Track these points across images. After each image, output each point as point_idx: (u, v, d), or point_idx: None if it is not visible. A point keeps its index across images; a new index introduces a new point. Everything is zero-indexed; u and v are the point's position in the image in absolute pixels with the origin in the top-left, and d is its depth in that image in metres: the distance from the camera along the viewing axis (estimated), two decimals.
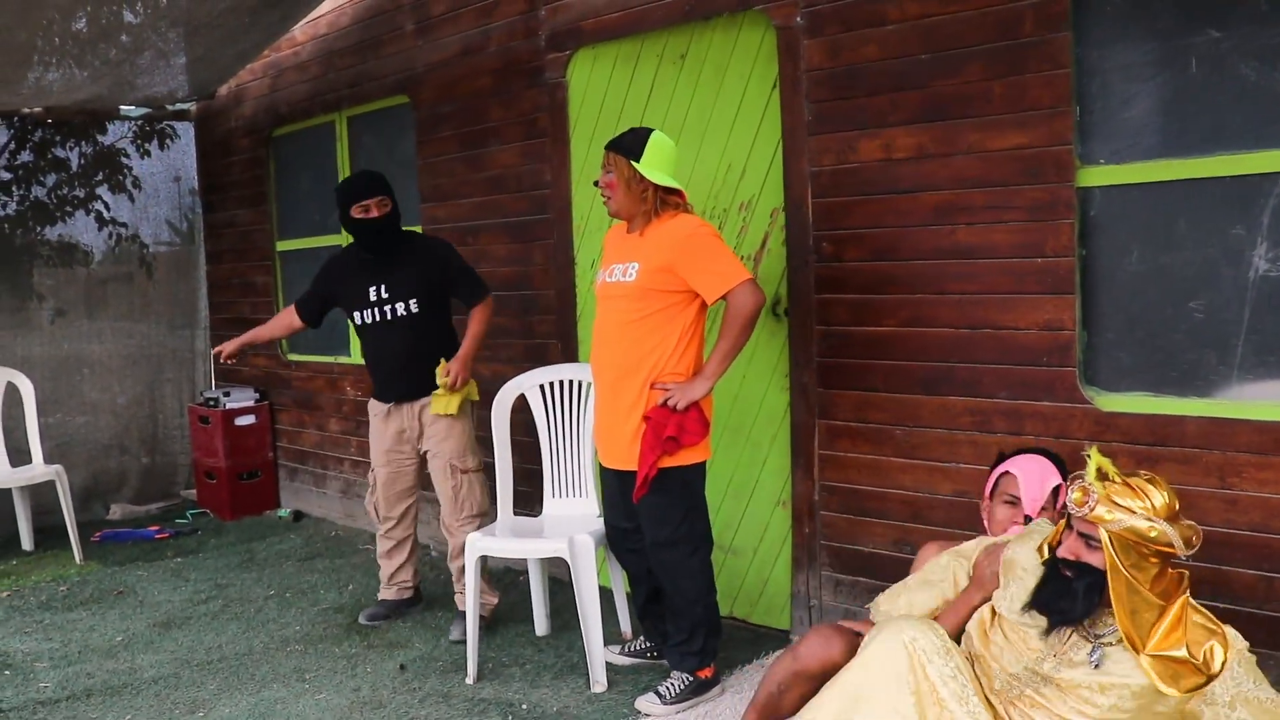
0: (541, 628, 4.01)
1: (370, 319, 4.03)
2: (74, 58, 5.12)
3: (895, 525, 3.48)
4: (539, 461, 4.00)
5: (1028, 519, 2.61)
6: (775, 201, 3.74)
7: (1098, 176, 2.99)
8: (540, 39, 4.46)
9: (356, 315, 4.07)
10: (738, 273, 3.15)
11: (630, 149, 3.23)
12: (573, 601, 3.51)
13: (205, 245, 6.86)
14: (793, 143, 3.63)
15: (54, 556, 5.45)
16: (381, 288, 4.00)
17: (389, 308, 4.00)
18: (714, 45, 3.88)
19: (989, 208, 3.18)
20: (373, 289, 4.01)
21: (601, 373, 3.36)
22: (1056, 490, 2.65)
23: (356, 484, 5.71)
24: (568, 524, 3.72)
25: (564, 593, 4.03)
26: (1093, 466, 2.17)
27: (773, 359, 3.80)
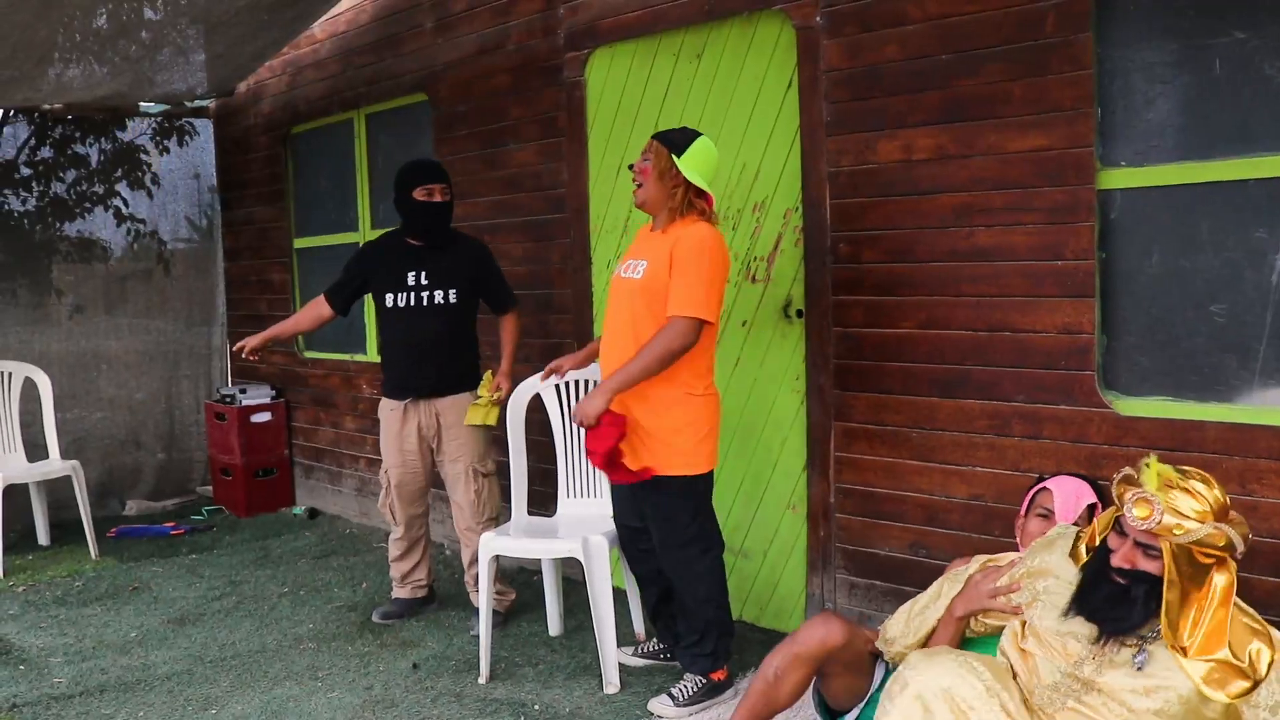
0: (555, 628, 4.00)
1: (405, 302, 3.99)
2: (94, 54, 5.15)
3: (911, 528, 3.46)
4: (554, 461, 4.00)
5: None
6: (790, 202, 3.72)
7: (1119, 179, 2.97)
8: (559, 37, 4.46)
9: (389, 297, 4.02)
10: (695, 305, 3.10)
11: (676, 143, 3.23)
12: (586, 602, 3.51)
13: (223, 242, 6.89)
14: (811, 143, 3.61)
15: (69, 552, 5.48)
16: (422, 274, 3.99)
17: (427, 294, 3.98)
18: (730, 44, 3.86)
19: (1008, 209, 3.15)
20: (412, 274, 3.99)
21: (607, 369, 3.33)
22: (1092, 509, 2.63)
23: (371, 482, 5.72)
24: (582, 524, 3.71)
25: (578, 593, 4.02)
26: (1153, 476, 2.10)
27: (784, 361, 3.78)
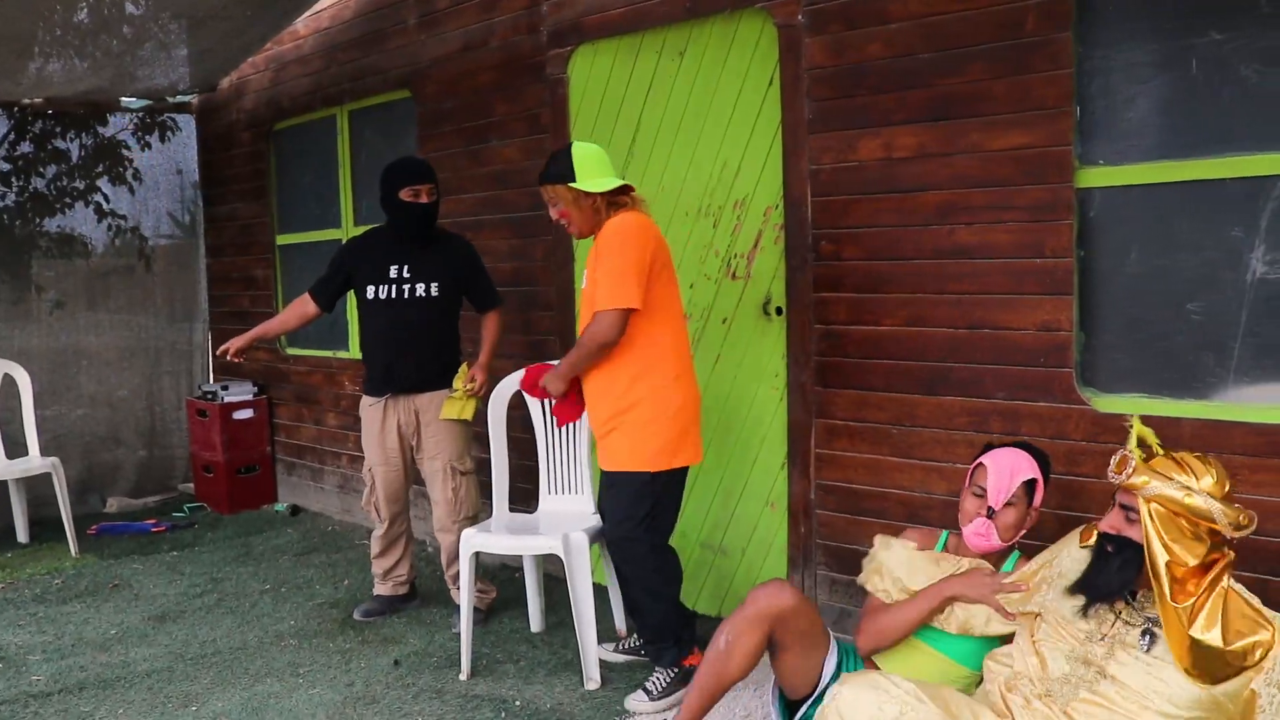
0: (536, 624, 4.00)
1: (386, 294, 3.99)
2: (75, 48, 5.12)
3: (892, 525, 3.46)
4: (535, 458, 4.00)
5: (991, 511, 2.61)
6: (771, 199, 3.73)
7: (1097, 177, 2.99)
8: (542, 35, 4.46)
9: (370, 289, 4.01)
10: (614, 297, 3.14)
11: (562, 175, 3.26)
12: (568, 598, 3.51)
13: (206, 238, 6.86)
14: (792, 141, 3.62)
15: (49, 549, 5.44)
16: (404, 267, 3.99)
17: (408, 287, 3.98)
18: (712, 42, 3.87)
19: (989, 208, 3.17)
20: (394, 267, 3.99)
21: (590, 380, 3.37)
22: (1032, 485, 2.64)
23: (354, 479, 5.71)
24: (563, 521, 3.71)
25: (559, 590, 4.02)
26: (1134, 435, 2.11)
27: (764, 358, 3.79)
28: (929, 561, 2.70)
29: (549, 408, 3.73)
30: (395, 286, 3.98)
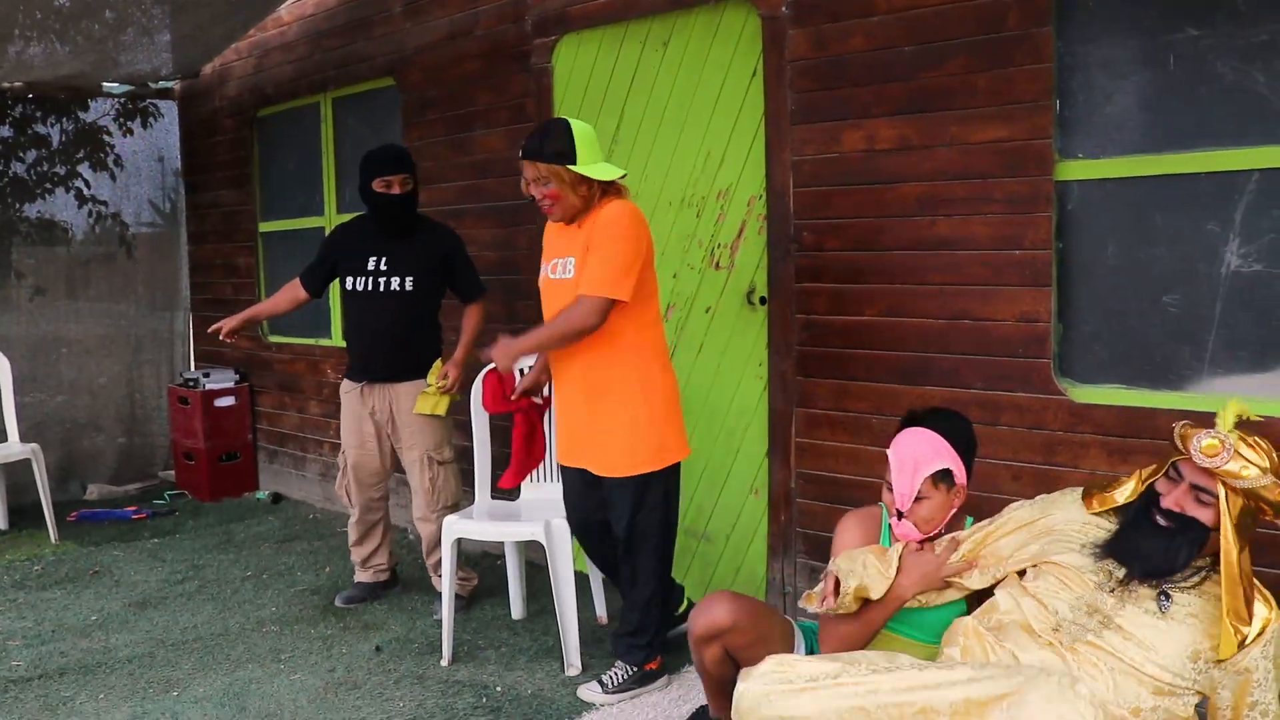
0: (518, 611, 4.02)
1: (361, 286, 4.00)
2: (56, 32, 5.09)
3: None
4: None
5: (900, 514, 2.46)
6: (754, 190, 3.75)
7: (1076, 170, 3.02)
8: (527, 24, 4.46)
9: (349, 280, 4.04)
10: (604, 285, 3.04)
11: (561, 155, 3.07)
12: (549, 585, 3.53)
13: (188, 226, 6.83)
14: (776, 132, 3.64)
15: (29, 536, 5.42)
16: (382, 260, 3.99)
17: (384, 279, 3.98)
18: (696, 33, 3.88)
19: (969, 200, 3.20)
20: (372, 259, 4.00)
21: (561, 373, 3.31)
22: (947, 474, 2.46)
23: (335, 467, 5.69)
24: (544, 508, 3.72)
25: (540, 577, 4.03)
26: (1230, 415, 2.01)
27: (748, 347, 3.82)
28: (882, 561, 2.51)
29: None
30: (371, 279, 3.99)
